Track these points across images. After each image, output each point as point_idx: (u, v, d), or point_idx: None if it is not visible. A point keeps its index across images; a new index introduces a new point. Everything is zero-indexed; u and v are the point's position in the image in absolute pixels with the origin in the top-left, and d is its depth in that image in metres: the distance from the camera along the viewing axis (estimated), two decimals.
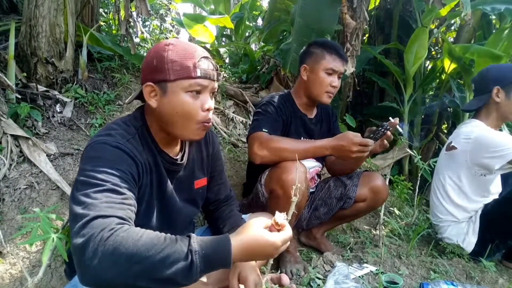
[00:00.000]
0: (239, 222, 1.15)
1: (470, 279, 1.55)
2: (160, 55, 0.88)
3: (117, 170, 0.80)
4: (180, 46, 0.89)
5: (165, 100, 0.89)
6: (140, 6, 1.97)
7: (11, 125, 1.56)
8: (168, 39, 0.95)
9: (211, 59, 0.93)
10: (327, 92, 1.53)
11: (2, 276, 1.24)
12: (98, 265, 0.65)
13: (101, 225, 0.69)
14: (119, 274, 0.65)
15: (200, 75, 0.87)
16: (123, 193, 0.78)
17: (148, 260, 0.66)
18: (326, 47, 1.53)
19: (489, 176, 1.70)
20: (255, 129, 1.44)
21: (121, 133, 0.88)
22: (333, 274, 1.37)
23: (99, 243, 0.66)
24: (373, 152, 1.45)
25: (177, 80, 0.87)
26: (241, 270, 0.94)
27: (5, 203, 1.40)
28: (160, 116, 0.92)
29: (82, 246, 0.67)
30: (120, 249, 0.66)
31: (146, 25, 4.44)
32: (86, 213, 0.70)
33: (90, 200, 0.72)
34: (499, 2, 2.30)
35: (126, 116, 0.99)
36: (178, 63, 0.86)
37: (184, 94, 0.88)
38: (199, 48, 0.92)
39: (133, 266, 0.65)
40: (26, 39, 1.78)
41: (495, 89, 1.69)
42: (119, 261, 0.65)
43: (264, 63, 3.25)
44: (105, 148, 0.83)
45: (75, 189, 0.77)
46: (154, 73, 0.88)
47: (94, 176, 0.77)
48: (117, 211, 0.73)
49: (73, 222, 0.71)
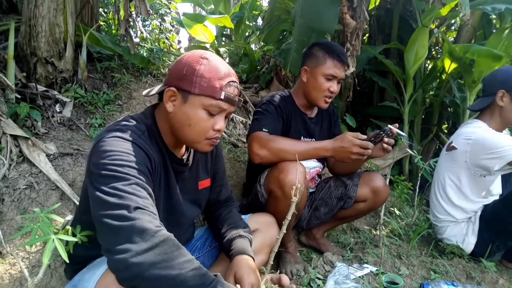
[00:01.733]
0: (238, 222, 1.15)
1: (470, 280, 1.55)
2: (192, 67, 0.90)
3: (136, 163, 0.81)
4: (213, 64, 0.91)
5: (182, 108, 0.91)
6: (139, 6, 1.96)
7: (10, 125, 1.55)
8: (204, 51, 0.95)
9: (237, 84, 0.95)
10: (324, 97, 1.52)
11: (2, 277, 1.24)
12: (141, 252, 0.69)
13: (146, 218, 0.73)
14: (153, 268, 0.69)
15: (223, 98, 0.90)
16: (147, 187, 0.80)
17: (186, 274, 0.71)
18: (329, 52, 1.50)
19: (489, 177, 1.70)
20: (255, 128, 1.44)
21: (133, 129, 0.89)
22: (333, 275, 1.37)
23: (149, 234, 0.70)
24: (375, 156, 1.44)
25: (200, 95, 0.89)
26: (237, 270, 0.95)
27: (5, 203, 1.40)
28: (172, 121, 0.94)
29: (129, 229, 0.70)
30: (167, 250, 0.71)
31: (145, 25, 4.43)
32: (126, 204, 0.73)
33: (123, 193, 0.74)
34: (499, 1, 2.30)
35: (136, 114, 1.00)
36: (206, 80, 0.88)
37: (202, 110, 0.90)
38: (231, 71, 0.94)
39: (170, 270, 0.70)
40: (26, 39, 1.77)
41: (500, 92, 1.68)
42: (160, 258, 0.69)
43: (264, 63, 3.25)
44: (120, 142, 0.83)
45: (98, 182, 0.77)
46: (181, 80, 0.90)
47: (116, 170, 0.77)
48: (151, 207, 0.77)
49: (107, 208, 0.73)
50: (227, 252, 1.05)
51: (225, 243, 1.08)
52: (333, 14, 2.26)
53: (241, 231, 1.09)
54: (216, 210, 1.23)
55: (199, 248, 1.24)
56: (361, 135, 1.31)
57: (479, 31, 3.19)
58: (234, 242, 1.05)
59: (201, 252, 1.23)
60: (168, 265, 0.70)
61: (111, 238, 0.71)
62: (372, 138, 1.31)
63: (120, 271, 0.70)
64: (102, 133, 0.87)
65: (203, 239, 1.26)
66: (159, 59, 2.68)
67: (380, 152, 1.39)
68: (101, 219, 0.73)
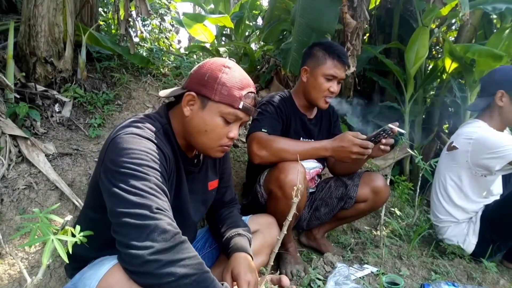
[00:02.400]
0: (238, 222, 1.15)
1: (471, 280, 1.55)
2: (214, 74, 0.92)
3: (154, 162, 0.82)
4: (236, 73, 0.94)
5: (200, 114, 0.93)
6: (140, 5, 1.96)
7: (9, 125, 1.55)
8: (227, 60, 0.98)
9: (256, 95, 0.98)
10: (324, 97, 1.52)
11: (1, 277, 1.24)
12: (163, 251, 0.71)
13: (167, 220, 0.75)
14: (170, 266, 0.71)
15: (241, 108, 0.93)
16: (164, 189, 0.81)
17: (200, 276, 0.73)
18: (329, 52, 1.50)
19: (489, 177, 1.69)
20: (255, 129, 1.43)
21: (149, 127, 0.90)
22: (333, 275, 1.36)
23: (169, 234, 0.73)
24: (374, 156, 1.44)
25: (219, 103, 0.91)
26: (234, 267, 0.95)
27: (4, 203, 1.40)
28: (188, 125, 0.95)
29: (152, 228, 0.72)
30: (184, 251, 0.74)
31: (145, 25, 4.42)
32: (148, 204, 0.74)
33: (143, 193, 0.76)
34: (500, 1, 2.29)
35: (150, 112, 1.01)
36: (227, 89, 0.91)
37: (219, 117, 0.93)
38: (250, 82, 0.98)
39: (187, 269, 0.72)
40: (25, 39, 1.77)
41: (499, 92, 1.67)
42: (178, 258, 0.72)
43: (264, 62, 3.24)
44: (138, 140, 0.84)
45: (116, 179, 0.78)
46: (202, 86, 0.92)
47: (136, 169, 0.78)
48: (169, 210, 0.79)
49: (128, 206, 0.74)
50: (226, 250, 1.05)
51: (224, 241, 1.08)
52: (333, 14, 2.25)
53: (240, 230, 1.10)
54: (217, 211, 1.23)
55: (200, 249, 1.24)
56: (361, 134, 1.31)
57: (479, 31, 3.18)
58: (233, 240, 1.05)
59: (201, 253, 1.23)
60: (184, 264, 0.72)
61: (132, 234, 0.72)
62: (373, 138, 1.30)
63: (135, 265, 0.71)
64: (118, 129, 0.87)
65: (204, 240, 1.26)
66: (159, 59, 2.68)
67: (379, 152, 1.39)
68: (121, 217, 0.74)
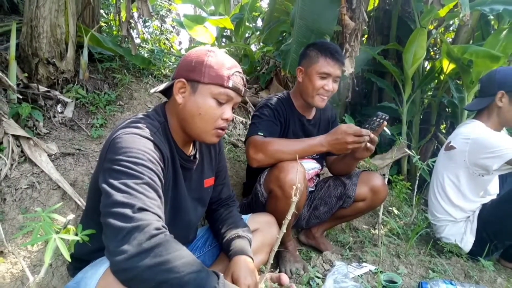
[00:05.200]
0: (237, 222, 1.16)
1: (468, 278, 1.56)
2: (200, 58, 0.95)
3: (150, 163, 0.83)
4: (220, 56, 0.97)
5: (192, 98, 0.95)
6: (141, 7, 1.98)
7: (12, 125, 1.56)
8: (209, 47, 1.02)
9: (243, 75, 1.00)
10: (319, 95, 1.52)
11: (4, 276, 1.25)
12: (136, 255, 0.69)
13: (149, 219, 0.72)
14: (149, 271, 0.69)
15: (231, 87, 0.95)
16: (157, 189, 0.81)
17: (183, 278, 0.70)
18: (321, 50, 1.51)
19: (487, 177, 1.71)
20: (251, 133, 1.45)
21: (149, 126, 0.92)
22: (332, 273, 1.37)
23: (146, 236, 0.70)
24: (360, 157, 1.46)
25: (209, 84, 0.93)
26: (234, 271, 0.96)
27: (7, 202, 1.41)
28: (183, 113, 0.97)
29: (128, 230, 0.70)
30: (163, 252, 0.70)
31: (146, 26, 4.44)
32: (132, 203, 0.73)
33: (132, 191, 0.75)
34: (497, 2, 2.31)
35: (148, 111, 1.02)
36: (214, 70, 0.93)
37: (211, 99, 0.94)
38: (235, 63, 0.99)
39: (166, 274, 0.69)
40: (27, 40, 1.78)
41: (499, 93, 1.69)
42: (157, 262, 0.69)
43: (263, 63, 3.26)
44: (136, 139, 0.85)
45: (110, 177, 0.78)
46: (190, 72, 0.94)
47: (130, 167, 0.79)
48: (157, 209, 0.77)
49: (113, 206, 0.73)
50: (226, 252, 1.06)
51: (224, 243, 1.09)
52: (332, 15, 2.27)
53: (240, 231, 1.10)
54: (217, 209, 1.24)
55: (200, 247, 1.25)
56: (354, 126, 1.31)
57: (477, 32, 3.20)
58: (233, 243, 1.06)
59: (201, 252, 1.24)
60: (165, 268, 0.69)
61: (111, 239, 0.72)
62: (367, 125, 1.31)
63: (117, 272, 0.72)
64: (118, 129, 0.88)
65: (204, 239, 1.27)
66: (160, 60, 2.69)
67: (364, 153, 1.41)
68: (105, 216, 0.74)
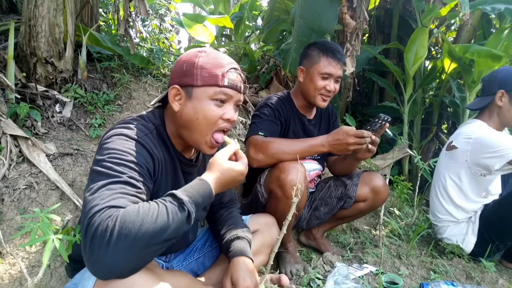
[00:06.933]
0: (237, 223, 1.15)
1: (470, 279, 1.55)
2: (191, 61, 0.90)
3: (134, 163, 0.81)
4: (212, 54, 0.92)
5: (189, 104, 0.91)
6: (138, 6, 1.96)
7: (10, 125, 1.55)
8: (201, 47, 0.98)
9: (240, 71, 0.95)
10: (321, 95, 1.52)
11: (2, 277, 1.24)
12: (112, 252, 0.67)
13: (108, 214, 0.70)
14: (132, 253, 0.68)
15: (227, 85, 0.90)
16: (138, 187, 0.80)
17: (155, 225, 0.70)
18: (323, 50, 1.50)
19: (489, 177, 1.70)
20: (251, 133, 1.44)
21: (140, 127, 0.90)
22: (333, 275, 1.36)
23: (107, 231, 0.68)
24: (362, 158, 1.45)
25: (203, 87, 0.89)
26: (233, 273, 0.95)
27: (5, 203, 1.40)
28: (180, 120, 0.94)
29: (92, 237, 0.68)
30: (126, 226, 0.68)
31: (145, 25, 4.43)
32: (97, 203, 0.72)
33: (104, 191, 0.74)
34: (499, 2, 2.30)
35: (145, 113, 1.00)
36: (207, 70, 0.89)
37: (209, 101, 0.90)
38: (230, 59, 0.94)
39: (143, 237, 0.69)
40: (26, 39, 1.77)
41: (499, 92, 1.68)
42: (128, 239, 0.68)
43: (264, 63, 3.25)
44: (123, 140, 0.84)
45: (91, 180, 0.77)
46: (183, 77, 0.91)
47: (111, 167, 0.78)
48: (128, 202, 0.75)
49: (84, 213, 0.72)
50: (226, 254, 1.05)
51: (224, 244, 1.08)
52: (332, 14, 2.26)
53: (240, 231, 1.09)
54: (217, 211, 1.23)
55: (200, 248, 1.24)
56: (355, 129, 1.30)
57: (478, 31, 3.19)
58: (233, 244, 1.05)
59: (201, 253, 1.23)
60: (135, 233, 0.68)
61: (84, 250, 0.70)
62: (368, 127, 1.30)
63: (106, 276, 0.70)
64: (110, 130, 0.88)
65: (204, 240, 1.26)
66: (159, 59, 2.68)
67: (366, 154, 1.40)
68: (82, 227, 0.72)
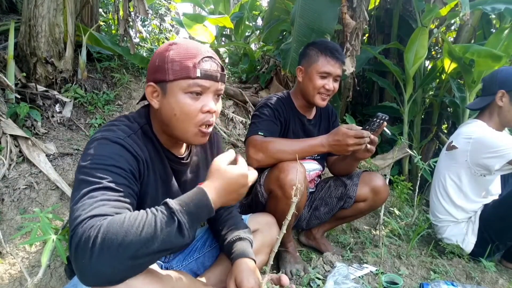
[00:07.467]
0: (238, 224, 1.14)
1: (470, 279, 1.55)
2: (162, 55, 0.86)
3: (115, 167, 0.79)
4: (183, 45, 0.87)
5: (165, 100, 0.87)
6: (138, 5, 1.96)
7: (10, 125, 1.55)
8: (174, 39, 0.93)
9: (215, 59, 0.89)
10: (319, 93, 1.51)
11: (2, 277, 1.24)
12: (96, 263, 0.64)
13: (91, 224, 0.67)
14: (117, 263, 0.65)
15: (200, 76, 0.84)
16: (119, 190, 0.77)
17: (140, 237, 0.66)
18: (321, 49, 1.50)
19: (489, 177, 1.70)
20: (251, 133, 1.43)
21: (123, 129, 0.87)
22: (333, 275, 1.36)
23: (89, 242, 0.65)
24: (361, 158, 1.45)
25: (176, 81, 0.85)
26: (237, 275, 0.94)
27: (5, 203, 1.40)
28: (161, 117, 0.91)
29: (75, 247, 0.66)
30: (109, 238, 0.65)
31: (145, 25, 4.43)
32: (79, 214, 0.70)
33: (86, 200, 0.72)
34: (499, 2, 2.30)
35: (131, 113, 0.98)
36: (178, 63, 0.84)
37: (183, 95, 0.85)
38: (203, 48, 0.88)
39: (127, 249, 0.65)
40: (26, 39, 1.77)
41: (499, 92, 1.68)
42: (111, 251, 0.65)
43: (264, 63, 3.25)
44: (104, 144, 0.82)
45: (74, 189, 0.76)
46: (156, 73, 0.87)
47: (92, 174, 0.76)
48: (110, 209, 0.72)
49: (70, 224, 0.71)
50: (228, 255, 1.05)
51: (225, 245, 1.07)
52: (332, 14, 2.26)
53: (242, 232, 1.08)
54: (217, 211, 1.23)
55: (199, 248, 1.24)
56: (355, 126, 1.29)
57: (478, 31, 3.19)
58: (235, 245, 1.04)
59: (201, 252, 1.23)
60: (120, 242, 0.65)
61: (71, 260, 0.68)
62: (367, 127, 1.30)
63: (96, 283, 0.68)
64: (94, 133, 0.86)
65: (203, 240, 1.26)
66: None
67: (365, 154, 1.39)
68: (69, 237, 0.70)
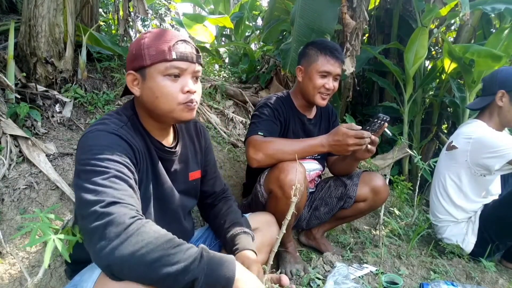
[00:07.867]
0: (240, 218, 1.15)
1: (470, 279, 1.55)
2: (138, 43, 0.91)
3: (117, 155, 0.82)
4: (156, 32, 0.92)
5: (145, 86, 0.91)
6: (137, 5, 1.96)
7: (10, 125, 1.55)
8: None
9: (190, 42, 0.93)
10: (320, 93, 1.51)
11: (2, 277, 1.24)
12: (119, 247, 0.68)
13: (121, 211, 0.72)
14: (135, 258, 0.69)
15: (176, 58, 0.88)
16: (127, 179, 0.80)
17: (165, 255, 0.70)
18: (321, 49, 1.50)
19: (489, 177, 1.70)
20: (251, 133, 1.43)
21: (114, 121, 0.90)
22: (333, 275, 1.36)
23: (122, 226, 0.70)
24: (361, 158, 1.45)
25: (153, 65, 0.88)
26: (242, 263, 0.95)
27: (5, 203, 1.40)
28: (144, 103, 0.94)
29: (103, 227, 0.70)
30: (144, 236, 0.70)
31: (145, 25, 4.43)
32: (100, 199, 0.73)
33: (100, 188, 0.74)
34: (499, 1, 2.30)
35: (119, 107, 1.00)
36: (153, 48, 0.88)
37: (162, 77, 0.89)
38: (177, 33, 0.93)
39: (152, 254, 0.69)
40: (26, 39, 1.77)
41: (499, 92, 1.68)
42: (138, 247, 0.69)
43: (263, 63, 3.25)
44: (101, 136, 0.84)
45: (79, 178, 0.78)
46: (134, 61, 0.91)
47: (96, 164, 0.78)
48: (129, 199, 0.76)
49: (84, 208, 0.73)
50: (231, 247, 1.05)
51: (228, 238, 1.08)
52: (332, 14, 2.26)
53: (244, 227, 1.10)
54: (215, 204, 1.23)
55: None
56: (355, 125, 1.29)
57: (478, 31, 3.19)
58: (239, 238, 1.05)
59: None
60: (149, 250, 0.69)
61: (89, 241, 0.72)
62: (368, 127, 1.29)
63: (106, 269, 0.71)
64: (87, 129, 0.88)
65: (203, 239, 1.26)
66: None
67: (365, 154, 1.39)
68: (80, 221, 0.74)
